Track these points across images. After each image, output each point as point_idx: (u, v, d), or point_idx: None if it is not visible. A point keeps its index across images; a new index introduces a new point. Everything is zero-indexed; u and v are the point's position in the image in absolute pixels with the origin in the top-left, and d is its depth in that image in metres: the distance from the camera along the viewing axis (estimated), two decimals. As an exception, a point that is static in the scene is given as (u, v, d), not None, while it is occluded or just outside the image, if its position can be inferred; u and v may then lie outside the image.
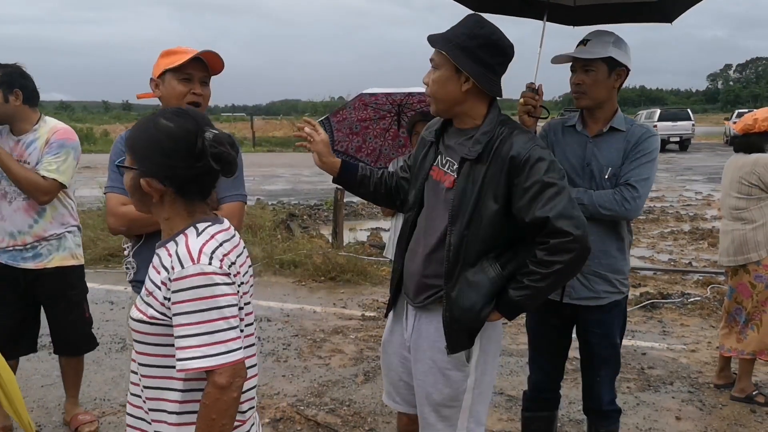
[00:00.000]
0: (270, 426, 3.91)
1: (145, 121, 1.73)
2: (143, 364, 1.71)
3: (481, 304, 2.26)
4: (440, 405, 2.40)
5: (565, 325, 3.00)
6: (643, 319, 6.07)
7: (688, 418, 4.07)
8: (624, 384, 4.53)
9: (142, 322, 1.68)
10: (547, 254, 2.17)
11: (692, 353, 5.21)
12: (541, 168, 2.18)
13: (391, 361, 2.60)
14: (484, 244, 2.26)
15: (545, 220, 2.14)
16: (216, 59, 2.58)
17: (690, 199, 14.66)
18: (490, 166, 2.24)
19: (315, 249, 8.36)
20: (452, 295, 2.28)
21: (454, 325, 2.30)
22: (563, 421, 3.95)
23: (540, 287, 2.21)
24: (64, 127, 3.60)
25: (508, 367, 4.86)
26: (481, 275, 2.26)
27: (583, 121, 2.93)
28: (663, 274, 7.79)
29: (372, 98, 5.31)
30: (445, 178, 2.37)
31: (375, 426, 3.93)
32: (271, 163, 25.01)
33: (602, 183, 2.80)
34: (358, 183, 2.65)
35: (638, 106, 73.69)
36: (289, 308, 6.45)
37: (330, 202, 11.28)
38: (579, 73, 2.83)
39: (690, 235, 10.32)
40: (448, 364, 2.37)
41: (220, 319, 1.60)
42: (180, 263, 1.61)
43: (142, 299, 1.70)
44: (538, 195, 2.16)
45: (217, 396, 1.59)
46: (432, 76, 2.33)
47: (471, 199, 2.25)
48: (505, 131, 2.28)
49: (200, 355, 1.57)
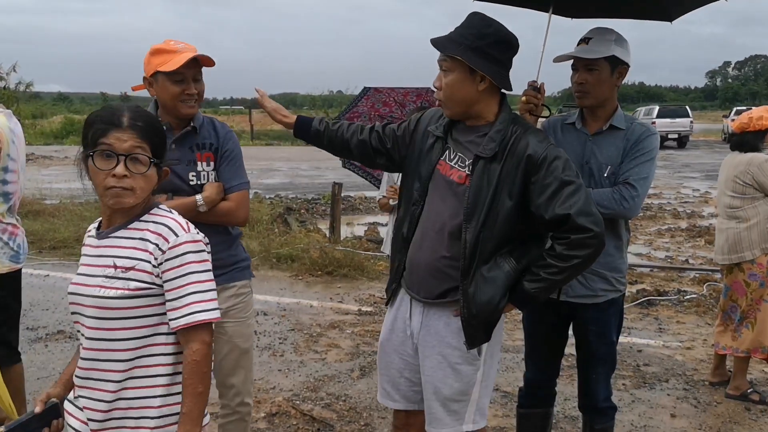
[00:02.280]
0: (266, 420, 3.91)
1: (152, 115, 1.90)
2: (122, 338, 1.80)
3: (498, 298, 2.31)
4: (449, 399, 2.42)
5: (562, 323, 3.00)
6: (639, 316, 6.08)
7: (683, 416, 4.08)
8: (619, 381, 4.54)
9: (123, 298, 1.78)
10: (567, 249, 2.23)
11: (688, 351, 5.22)
12: (558, 166, 2.24)
13: (390, 359, 2.59)
14: (499, 240, 2.30)
15: (566, 217, 2.20)
16: (206, 57, 2.60)
17: (687, 197, 14.68)
18: (505, 163, 2.28)
19: (312, 243, 8.36)
20: (469, 291, 2.31)
21: (473, 321, 2.33)
22: (558, 417, 3.96)
23: (556, 280, 2.29)
24: None
25: (504, 363, 4.86)
26: (496, 270, 2.31)
27: (582, 118, 2.92)
28: (660, 271, 7.80)
29: (376, 93, 5.35)
30: (455, 173, 2.38)
31: (370, 421, 3.93)
32: (269, 157, 24.97)
33: (601, 181, 2.79)
34: (313, 136, 2.70)
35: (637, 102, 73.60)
36: (285, 302, 6.45)
37: (327, 196, 11.27)
38: (582, 72, 2.80)
39: (687, 232, 10.33)
40: (458, 359, 2.40)
41: (210, 281, 1.85)
42: (173, 233, 1.82)
43: (115, 277, 1.79)
44: (557, 192, 2.22)
45: (205, 351, 1.81)
46: (445, 81, 2.33)
47: (486, 196, 2.28)
48: (518, 130, 2.33)
49: (203, 309, 1.80)
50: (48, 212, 10.18)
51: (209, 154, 2.71)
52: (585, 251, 2.23)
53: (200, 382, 1.80)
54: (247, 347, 2.88)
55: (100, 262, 1.84)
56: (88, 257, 1.89)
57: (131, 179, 1.77)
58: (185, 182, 2.66)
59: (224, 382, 2.86)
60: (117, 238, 1.85)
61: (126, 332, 1.81)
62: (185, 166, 2.67)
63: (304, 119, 2.72)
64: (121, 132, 1.77)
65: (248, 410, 2.95)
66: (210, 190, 2.65)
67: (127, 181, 1.76)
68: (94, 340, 1.82)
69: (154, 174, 1.84)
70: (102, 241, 1.86)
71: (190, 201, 2.60)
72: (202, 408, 1.82)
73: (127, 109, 1.82)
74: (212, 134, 2.73)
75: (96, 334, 1.81)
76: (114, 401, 1.83)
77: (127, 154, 1.76)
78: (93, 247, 1.89)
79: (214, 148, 2.72)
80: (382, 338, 2.64)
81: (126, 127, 1.77)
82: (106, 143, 1.76)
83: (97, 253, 1.86)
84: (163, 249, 1.80)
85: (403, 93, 5.99)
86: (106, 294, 1.79)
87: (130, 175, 1.76)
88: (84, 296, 1.83)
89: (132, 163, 1.77)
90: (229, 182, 2.70)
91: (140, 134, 1.78)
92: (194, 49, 2.61)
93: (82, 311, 1.84)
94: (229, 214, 2.69)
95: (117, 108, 1.83)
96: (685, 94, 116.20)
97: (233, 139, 2.77)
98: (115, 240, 1.85)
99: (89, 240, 1.93)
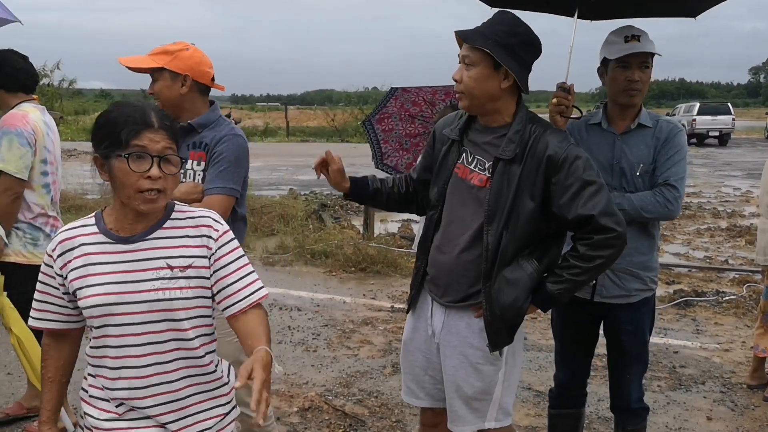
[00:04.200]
0: (298, 415, 3.95)
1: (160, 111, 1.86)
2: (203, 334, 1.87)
3: (522, 300, 2.31)
4: (471, 398, 2.43)
5: (593, 324, 2.98)
6: (676, 317, 5.99)
7: (719, 419, 4.02)
8: (654, 382, 4.48)
9: (191, 298, 1.81)
10: (590, 249, 2.23)
11: (726, 353, 5.13)
12: (579, 166, 2.23)
13: (414, 358, 2.60)
14: (521, 242, 2.30)
15: (589, 217, 2.20)
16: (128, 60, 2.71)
17: (728, 196, 14.36)
18: (525, 165, 2.27)
19: (346, 240, 8.40)
20: (492, 293, 2.31)
21: (496, 323, 2.33)
22: (591, 418, 3.93)
23: (579, 281, 2.30)
24: (11, 113, 3.39)
25: (537, 362, 4.84)
26: (519, 272, 2.30)
27: (608, 117, 2.87)
28: (698, 271, 7.66)
29: (404, 93, 5.38)
30: (473, 176, 2.37)
31: (402, 418, 3.95)
32: (304, 153, 25.10)
33: (633, 180, 2.76)
34: (371, 196, 2.69)
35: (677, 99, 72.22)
36: (319, 298, 6.50)
37: (362, 193, 11.29)
38: (635, 70, 2.74)
39: (727, 232, 10.12)
40: (480, 359, 2.40)
41: (249, 263, 1.92)
42: (217, 222, 1.89)
43: (175, 277, 1.79)
44: (579, 193, 2.21)
45: (266, 317, 1.88)
46: (467, 73, 2.31)
47: (508, 198, 2.28)
48: (537, 130, 2.31)
49: (262, 285, 1.89)
50: (90, 207, 10.39)
51: (201, 153, 2.69)
52: (608, 251, 2.24)
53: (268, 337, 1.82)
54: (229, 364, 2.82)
55: (146, 266, 1.78)
56: (116, 264, 1.79)
57: (164, 180, 1.73)
58: None
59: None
60: (156, 239, 1.81)
61: (196, 330, 1.84)
62: None
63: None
64: (154, 133, 1.73)
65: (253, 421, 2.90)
66: (180, 187, 2.57)
67: (161, 182, 1.73)
68: (152, 344, 1.80)
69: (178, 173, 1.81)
70: (135, 245, 1.80)
71: None
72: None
73: (151, 109, 1.79)
74: (212, 135, 2.70)
75: (158, 337, 1.80)
76: (188, 396, 1.87)
77: (162, 155, 1.73)
78: (118, 253, 1.79)
79: (207, 148, 2.69)
80: (405, 338, 2.65)
81: (158, 128, 1.74)
82: (140, 144, 1.71)
83: (130, 258, 1.79)
84: (214, 238, 1.84)
85: (432, 91, 6.02)
86: (172, 296, 1.78)
87: (164, 176, 1.73)
88: (131, 303, 1.77)
89: (165, 164, 1.74)
90: (207, 184, 2.65)
91: (170, 134, 1.76)
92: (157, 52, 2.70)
93: (123, 321, 1.78)
94: None
95: (142, 107, 1.79)
96: (727, 91, 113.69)
97: (229, 143, 2.69)
98: (155, 241, 1.81)
99: (103, 247, 1.80)
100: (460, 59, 2.34)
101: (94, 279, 1.77)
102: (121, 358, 1.79)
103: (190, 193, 2.63)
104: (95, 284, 1.77)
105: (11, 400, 3.96)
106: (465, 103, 2.37)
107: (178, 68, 2.66)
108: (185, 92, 2.68)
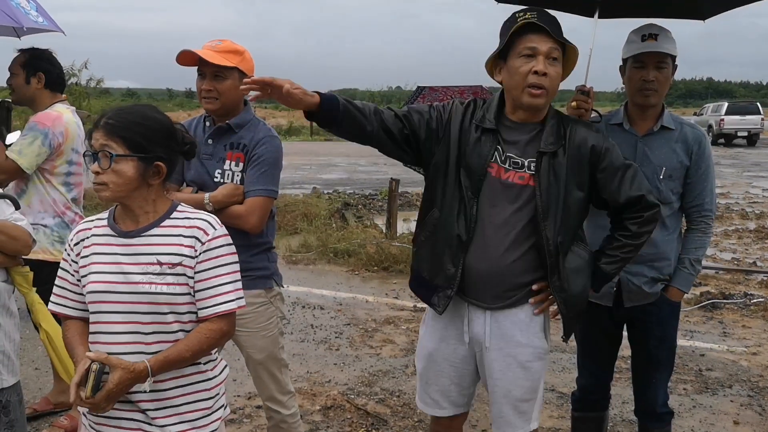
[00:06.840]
0: (320, 413, 3.97)
1: (140, 112, 1.94)
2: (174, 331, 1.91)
3: (588, 285, 2.43)
4: (520, 400, 2.43)
5: (617, 327, 2.95)
6: (702, 320, 5.91)
7: (746, 423, 3.96)
8: (680, 386, 4.43)
9: (178, 294, 1.89)
10: (640, 226, 2.38)
11: (753, 356, 5.05)
12: (615, 153, 2.36)
13: (441, 368, 2.49)
14: (574, 231, 2.38)
15: (640, 197, 2.34)
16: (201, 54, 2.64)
17: (756, 197, 14.13)
18: (568, 156, 2.31)
19: (368, 239, 8.41)
20: (564, 287, 2.34)
21: (570, 314, 2.40)
22: (615, 420, 3.89)
23: (629, 257, 2.45)
24: (46, 113, 3.47)
25: (561, 363, 4.80)
26: (578, 260, 2.37)
27: (629, 118, 2.82)
28: (725, 273, 7.55)
29: (431, 92, 5.39)
30: (510, 174, 2.31)
31: (424, 417, 3.94)
32: (328, 152, 25.22)
33: (656, 184, 2.71)
34: (338, 122, 2.26)
35: (705, 98, 71.11)
36: (341, 297, 6.52)
37: (385, 191, 11.30)
38: (651, 70, 2.69)
39: (755, 233, 9.96)
40: (529, 356, 2.41)
41: (236, 272, 1.97)
42: (211, 227, 1.94)
43: (164, 273, 1.88)
44: (624, 177, 2.34)
45: (218, 337, 1.93)
46: (555, 69, 2.26)
47: (559, 191, 2.30)
48: (568, 122, 2.38)
49: (234, 298, 1.93)
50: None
51: (240, 154, 2.70)
52: (651, 226, 2.41)
53: (192, 351, 1.89)
54: (262, 358, 2.83)
55: (139, 260, 1.90)
56: (114, 255, 1.92)
57: (103, 175, 1.86)
58: (211, 178, 2.72)
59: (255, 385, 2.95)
60: (152, 236, 1.92)
61: (180, 325, 1.93)
62: (216, 162, 2.72)
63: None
64: (97, 131, 1.89)
65: (281, 417, 2.90)
66: (221, 190, 2.66)
67: (101, 176, 1.86)
68: (137, 334, 1.90)
69: (128, 168, 1.86)
70: (133, 240, 1.92)
71: (198, 197, 2.64)
72: (170, 367, 1.88)
73: (113, 111, 1.93)
74: (250, 136, 2.71)
75: (143, 328, 1.90)
76: (171, 389, 1.93)
77: (97, 151, 1.87)
78: (118, 245, 1.93)
79: (246, 149, 2.70)
80: (429, 348, 2.51)
81: (99, 127, 1.88)
82: (90, 144, 1.90)
83: (128, 251, 1.91)
84: (202, 241, 1.92)
85: (459, 91, 6.03)
86: (158, 290, 1.88)
87: (102, 171, 1.86)
88: (120, 293, 1.89)
89: (103, 160, 1.86)
90: (248, 186, 2.67)
91: (108, 131, 1.86)
92: (212, 47, 2.67)
93: (112, 309, 1.90)
94: (238, 218, 2.63)
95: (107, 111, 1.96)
96: (756, 90, 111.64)
97: (268, 145, 2.70)
98: (150, 238, 1.92)
99: (107, 239, 1.95)
100: (544, 54, 2.22)
101: (95, 267, 1.93)
102: (109, 344, 1.90)
103: (231, 195, 2.66)
104: (95, 272, 1.92)
105: (38, 395, 4.02)
106: (543, 101, 2.27)
107: (247, 69, 2.69)
108: (246, 93, 2.61)
